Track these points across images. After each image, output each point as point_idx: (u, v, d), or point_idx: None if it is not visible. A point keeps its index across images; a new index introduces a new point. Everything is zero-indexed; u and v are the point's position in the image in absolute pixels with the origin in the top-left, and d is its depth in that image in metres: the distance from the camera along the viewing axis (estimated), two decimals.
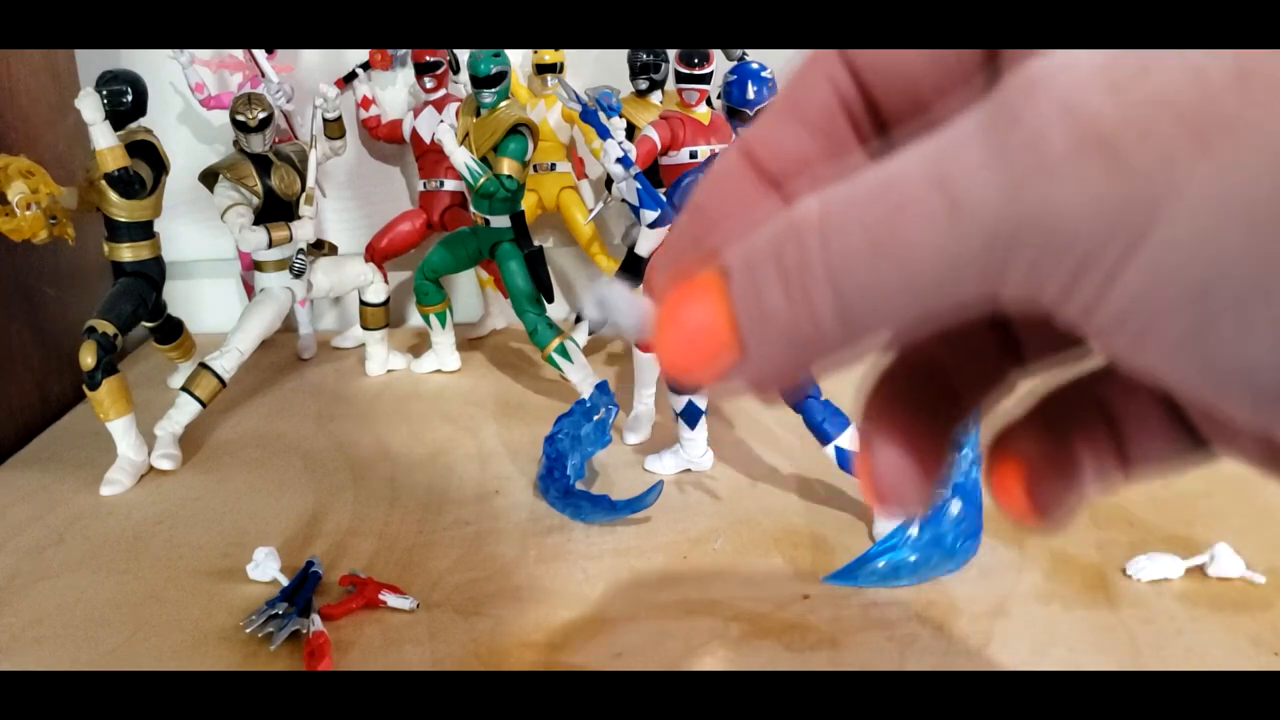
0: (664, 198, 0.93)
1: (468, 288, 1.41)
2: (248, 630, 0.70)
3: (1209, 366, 0.14)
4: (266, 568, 0.76)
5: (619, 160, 0.96)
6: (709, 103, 1.13)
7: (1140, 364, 0.15)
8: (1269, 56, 0.13)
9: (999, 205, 0.14)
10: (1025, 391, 0.22)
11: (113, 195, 0.98)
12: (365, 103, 1.33)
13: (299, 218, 1.10)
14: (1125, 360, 0.15)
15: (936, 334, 0.21)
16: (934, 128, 0.16)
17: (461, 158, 1.07)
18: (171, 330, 1.15)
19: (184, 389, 1.02)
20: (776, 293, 0.17)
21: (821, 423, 0.84)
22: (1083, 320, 0.15)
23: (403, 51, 1.32)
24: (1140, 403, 0.20)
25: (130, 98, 1.01)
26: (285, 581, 0.75)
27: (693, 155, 1.09)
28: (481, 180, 1.07)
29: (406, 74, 1.34)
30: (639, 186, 0.94)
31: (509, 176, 1.07)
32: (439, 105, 1.27)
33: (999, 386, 0.22)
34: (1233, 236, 0.13)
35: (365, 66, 1.32)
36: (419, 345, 1.31)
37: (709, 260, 0.18)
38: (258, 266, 1.12)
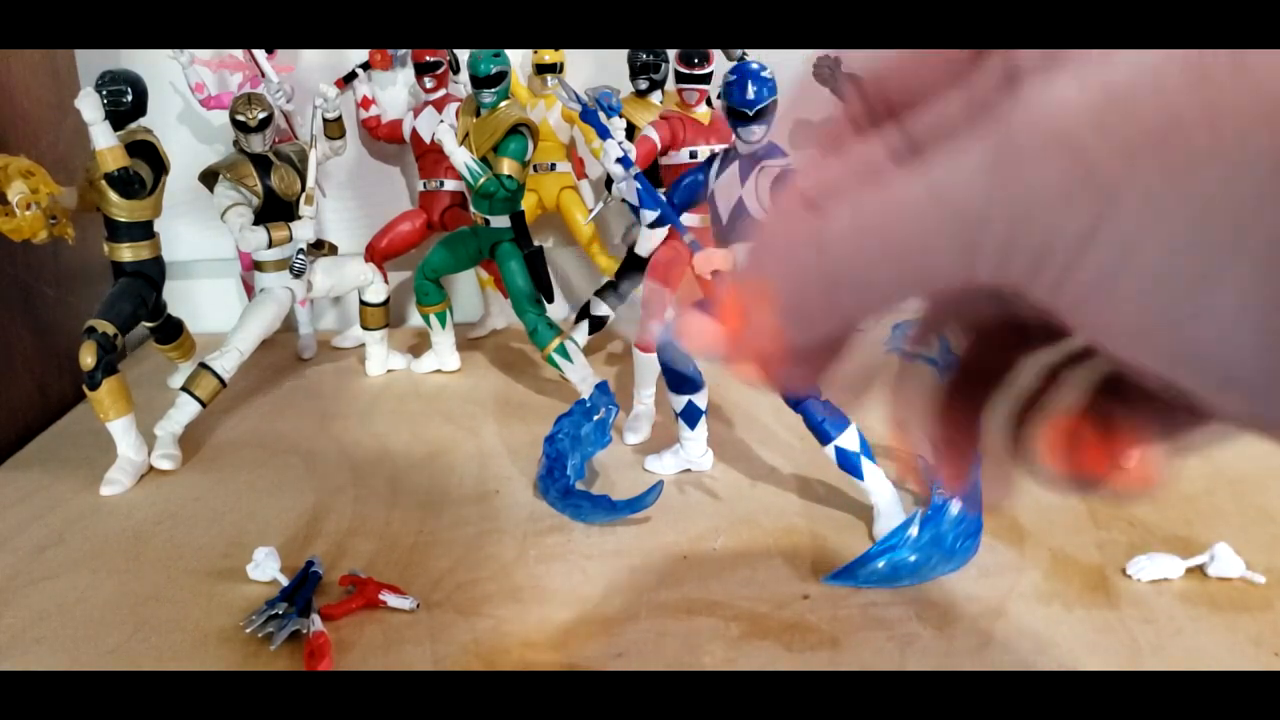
0: (663, 197, 0.93)
1: (468, 288, 1.41)
2: (248, 630, 0.70)
3: (1166, 349, 0.15)
4: (266, 568, 0.76)
5: (619, 160, 0.96)
6: (709, 103, 1.13)
7: (1104, 342, 0.16)
8: (1219, 55, 0.14)
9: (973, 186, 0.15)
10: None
11: (113, 195, 0.98)
12: (365, 103, 1.33)
13: (299, 218, 1.11)
14: (1093, 339, 0.16)
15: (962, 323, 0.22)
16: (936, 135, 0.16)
17: (461, 158, 1.07)
18: (171, 330, 1.15)
19: (184, 389, 1.02)
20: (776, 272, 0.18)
21: (821, 423, 0.83)
22: (1051, 301, 0.16)
23: (403, 51, 1.32)
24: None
25: (130, 98, 1.01)
26: (285, 581, 0.75)
27: (693, 155, 1.09)
28: (481, 180, 1.07)
29: (406, 74, 1.34)
30: (639, 186, 0.94)
31: (509, 176, 1.07)
32: (439, 105, 1.27)
33: (1010, 371, 0.23)
34: (1182, 230, 0.14)
35: (365, 66, 1.32)
36: (419, 345, 1.31)
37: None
38: (258, 266, 1.12)
